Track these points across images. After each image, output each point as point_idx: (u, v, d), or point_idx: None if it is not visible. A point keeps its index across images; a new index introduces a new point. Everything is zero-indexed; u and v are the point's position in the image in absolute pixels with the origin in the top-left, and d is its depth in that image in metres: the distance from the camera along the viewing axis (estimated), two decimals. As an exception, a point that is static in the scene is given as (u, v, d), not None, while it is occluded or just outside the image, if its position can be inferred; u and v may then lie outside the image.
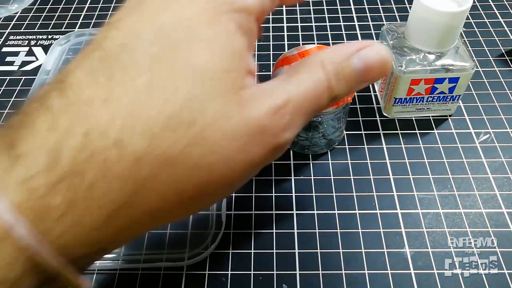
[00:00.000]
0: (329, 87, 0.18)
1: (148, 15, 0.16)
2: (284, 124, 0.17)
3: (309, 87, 0.18)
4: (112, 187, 0.13)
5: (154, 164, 0.14)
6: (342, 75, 0.18)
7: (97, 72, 0.14)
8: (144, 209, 0.14)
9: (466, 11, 0.25)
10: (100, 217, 0.13)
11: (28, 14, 0.43)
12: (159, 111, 0.14)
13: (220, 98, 0.15)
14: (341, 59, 0.19)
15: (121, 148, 0.13)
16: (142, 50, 0.15)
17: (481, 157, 0.29)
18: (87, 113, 0.13)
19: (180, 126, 0.14)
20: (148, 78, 0.14)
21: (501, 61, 0.35)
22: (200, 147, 0.15)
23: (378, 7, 0.41)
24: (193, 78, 0.15)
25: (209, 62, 0.15)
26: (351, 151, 0.30)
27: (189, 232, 0.25)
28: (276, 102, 0.17)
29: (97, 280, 0.24)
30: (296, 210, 0.27)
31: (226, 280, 0.24)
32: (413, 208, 0.26)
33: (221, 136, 0.15)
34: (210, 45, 0.15)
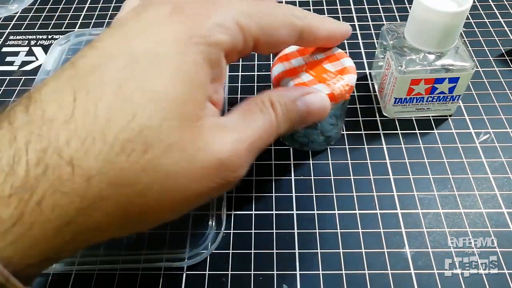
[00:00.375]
0: (277, 126, 0.20)
1: (124, 39, 0.17)
2: (241, 162, 0.18)
3: (262, 127, 0.19)
4: (61, 203, 0.14)
5: (104, 185, 0.14)
6: (287, 115, 0.20)
7: (62, 91, 0.15)
8: (90, 225, 0.15)
9: (466, 11, 0.25)
10: (47, 231, 0.14)
11: (28, 14, 0.43)
12: (115, 136, 0.14)
13: (177, 127, 0.16)
14: (289, 101, 0.21)
15: (74, 167, 0.14)
16: (110, 74, 0.15)
17: (481, 157, 0.29)
18: (46, 131, 0.14)
19: (133, 153, 0.15)
20: (109, 102, 0.15)
21: (501, 61, 0.35)
22: (151, 174, 0.15)
23: (378, 7, 0.41)
24: (151, 106, 0.15)
25: (169, 91, 0.16)
26: (351, 151, 0.30)
27: (189, 232, 0.25)
28: (232, 138, 0.18)
29: (97, 281, 0.24)
30: (296, 210, 0.27)
31: (226, 280, 0.24)
32: (413, 208, 0.26)
33: (174, 166, 0.16)
34: (173, 75, 0.16)
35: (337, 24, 0.24)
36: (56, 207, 0.14)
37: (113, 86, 0.15)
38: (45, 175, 0.14)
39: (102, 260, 0.24)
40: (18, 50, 0.39)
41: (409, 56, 0.28)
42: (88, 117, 0.14)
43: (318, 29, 0.22)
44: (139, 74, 0.16)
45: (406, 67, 0.28)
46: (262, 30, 0.19)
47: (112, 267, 0.24)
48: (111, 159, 0.14)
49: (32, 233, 0.14)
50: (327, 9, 0.41)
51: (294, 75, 0.25)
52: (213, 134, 0.17)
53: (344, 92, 0.24)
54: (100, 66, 0.16)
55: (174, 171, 0.16)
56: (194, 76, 0.17)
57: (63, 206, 0.14)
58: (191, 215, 0.26)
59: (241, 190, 0.28)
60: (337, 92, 0.24)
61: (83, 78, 0.15)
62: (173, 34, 0.17)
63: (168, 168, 0.15)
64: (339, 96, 0.24)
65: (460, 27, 0.27)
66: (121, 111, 0.15)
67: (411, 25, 0.28)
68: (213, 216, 0.26)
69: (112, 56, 0.16)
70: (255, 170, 0.29)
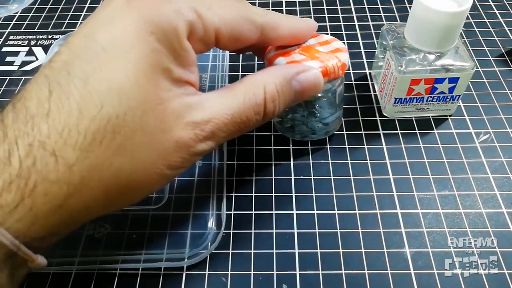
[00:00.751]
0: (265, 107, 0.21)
1: (89, 33, 0.18)
2: (202, 138, 0.19)
3: (238, 110, 0.20)
4: (51, 190, 0.16)
5: (84, 172, 0.17)
6: (283, 96, 0.22)
7: (41, 88, 0.17)
8: (80, 206, 0.17)
9: (466, 11, 0.25)
10: (44, 212, 0.16)
11: (28, 14, 0.43)
12: (87, 127, 0.16)
13: (140, 114, 0.17)
14: (284, 82, 0.22)
15: (57, 158, 0.16)
16: (78, 68, 0.17)
17: (481, 157, 0.29)
18: (31, 127, 0.16)
19: (104, 140, 0.17)
20: (79, 95, 0.17)
21: (501, 61, 0.35)
22: (121, 157, 0.17)
23: (378, 7, 0.41)
24: (116, 97, 0.17)
25: (131, 80, 0.17)
26: (351, 151, 0.30)
27: (189, 232, 0.25)
28: (195, 118, 0.19)
29: (97, 281, 0.24)
30: (296, 210, 0.27)
31: (226, 280, 0.24)
32: (413, 208, 0.26)
33: (140, 148, 0.18)
34: (134, 64, 0.18)
35: (301, 21, 0.25)
36: (48, 193, 0.16)
37: (81, 79, 0.17)
38: (34, 166, 0.16)
39: (102, 260, 0.24)
40: (18, 50, 0.39)
41: (409, 56, 0.28)
42: (62, 111, 0.16)
43: (280, 26, 0.23)
44: (103, 65, 0.17)
45: (406, 67, 0.28)
46: (223, 21, 0.20)
47: (112, 267, 0.24)
48: (86, 148, 0.16)
49: (32, 213, 0.16)
50: (327, 9, 0.41)
51: (286, 55, 0.25)
52: (177, 115, 0.19)
53: (337, 68, 0.24)
54: (69, 61, 0.17)
55: (139, 152, 0.18)
56: (154, 62, 0.18)
57: (53, 192, 0.16)
58: (191, 215, 0.26)
59: (241, 190, 0.28)
60: (330, 67, 0.24)
61: (57, 74, 0.17)
62: (132, 24, 0.18)
63: (134, 151, 0.17)
64: (332, 71, 0.24)
65: (460, 27, 0.27)
66: (91, 103, 0.17)
67: (411, 25, 0.28)
68: (213, 216, 0.26)
69: (79, 51, 0.18)
70: (255, 170, 0.29)
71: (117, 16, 0.18)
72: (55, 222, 0.17)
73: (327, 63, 0.24)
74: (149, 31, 0.18)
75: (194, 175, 0.28)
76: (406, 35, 0.28)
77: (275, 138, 0.30)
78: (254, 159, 0.29)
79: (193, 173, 0.28)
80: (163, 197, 0.27)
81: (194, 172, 0.28)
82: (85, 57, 0.17)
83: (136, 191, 0.19)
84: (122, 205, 0.20)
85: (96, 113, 0.17)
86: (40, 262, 0.18)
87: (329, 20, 0.40)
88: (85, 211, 0.18)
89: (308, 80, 0.23)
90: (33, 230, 0.16)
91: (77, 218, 0.18)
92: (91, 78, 0.17)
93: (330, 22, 0.40)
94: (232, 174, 0.29)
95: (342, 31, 0.39)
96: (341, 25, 0.40)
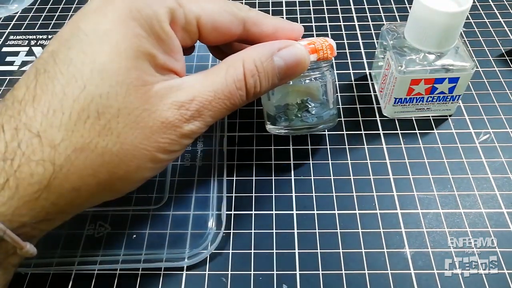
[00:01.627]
0: (246, 83, 0.21)
1: (74, 23, 0.19)
2: (188, 117, 0.19)
3: (220, 87, 0.20)
4: (37, 170, 0.17)
5: (69, 151, 0.17)
6: (263, 72, 0.21)
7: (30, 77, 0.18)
8: (68, 188, 0.17)
9: (466, 11, 0.25)
10: (30, 193, 0.17)
11: (28, 14, 0.43)
12: (71, 106, 0.17)
13: (123, 93, 0.18)
14: (264, 57, 0.21)
15: (41, 138, 0.17)
16: (63, 54, 0.18)
17: (481, 157, 0.29)
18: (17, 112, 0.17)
19: (89, 119, 0.17)
20: (63, 78, 0.17)
21: (501, 61, 0.35)
22: (107, 137, 0.17)
23: (378, 7, 0.41)
24: (99, 77, 0.17)
25: (114, 62, 0.18)
26: (351, 151, 0.30)
27: (189, 232, 0.25)
28: (179, 98, 0.19)
29: (97, 281, 0.24)
30: (296, 210, 0.27)
31: (226, 280, 0.24)
32: (413, 208, 0.26)
33: (124, 127, 0.18)
34: (117, 47, 0.18)
35: (287, 23, 0.25)
36: (33, 173, 0.16)
37: (66, 64, 0.17)
38: (19, 148, 0.16)
39: (102, 260, 0.24)
40: (18, 50, 0.39)
41: (409, 56, 0.28)
42: (47, 94, 0.17)
43: (263, 22, 0.23)
44: (87, 50, 0.18)
45: (406, 67, 0.28)
46: (204, 11, 0.21)
47: (112, 267, 0.24)
48: (71, 128, 0.17)
49: (18, 195, 0.16)
50: (327, 9, 0.41)
51: None
52: (161, 96, 0.19)
53: (325, 46, 0.24)
54: (55, 50, 0.18)
55: (124, 132, 0.18)
56: (136, 47, 0.18)
57: (39, 172, 0.17)
58: (191, 215, 0.26)
59: (241, 190, 0.28)
60: (318, 44, 0.24)
61: (44, 63, 0.18)
62: (114, 11, 0.19)
63: (119, 130, 0.18)
64: (320, 48, 0.24)
65: (460, 27, 0.27)
66: (74, 84, 0.17)
67: (411, 25, 0.28)
68: (213, 216, 0.26)
69: (65, 39, 0.18)
70: (255, 170, 0.29)
71: (102, 6, 0.19)
72: (44, 205, 0.17)
73: (315, 43, 0.24)
74: (131, 17, 0.18)
75: (194, 175, 0.28)
76: (406, 35, 0.28)
77: (275, 138, 0.30)
78: (254, 159, 0.29)
79: (193, 173, 0.28)
80: (163, 197, 0.27)
81: (194, 172, 0.28)
82: (70, 44, 0.18)
83: (128, 174, 0.19)
84: (116, 191, 0.20)
85: (79, 93, 0.17)
86: (28, 250, 0.18)
87: (329, 20, 0.40)
88: (75, 193, 0.18)
89: (292, 55, 0.22)
90: (20, 214, 0.17)
91: (68, 202, 0.18)
92: (74, 61, 0.17)
93: (330, 22, 0.40)
94: (232, 174, 0.29)
95: (342, 31, 0.39)
96: (341, 25, 0.40)
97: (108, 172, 0.18)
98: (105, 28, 0.18)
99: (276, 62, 0.22)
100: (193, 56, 0.36)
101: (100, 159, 0.17)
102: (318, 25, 0.40)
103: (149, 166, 0.19)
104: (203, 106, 0.20)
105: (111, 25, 0.18)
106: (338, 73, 0.35)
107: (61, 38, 0.19)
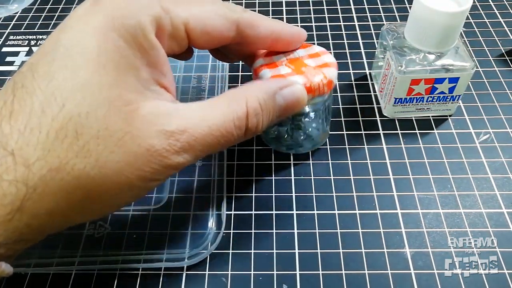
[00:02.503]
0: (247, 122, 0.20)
1: (55, 35, 0.18)
2: (177, 148, 0.18)
3: (217, 122, 0.19)
4: (9, 190, 0.16)
5: (44, 171, 0.16)
6: (266, 110, 0.21)
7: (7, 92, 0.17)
8: (41, 210, 0.16)
9: (466, 11, 0.25)
10: (3, 215, 0.16)
11: (28, 14, 0.43)
12: (49, 125, 0.16)
13: (104, 114, 0.17)
14: (267, 96, 0.21)
15: (15, 157, 0.16)
16: (41, 70, 0.17)
17: (481, 157, 0.29)
18: None
19: (66, 139, 0.16)
20: (42, 95, 0.16)
21: (501, 61, 0.35)
22: (85, 159, 0.16)
23: (378, 7, 0.41)
24: (79, 95, 0.16)
25: (95, 78, 0.17)
26: (351, 151, 0.30)
27: (189, 232, 0.25)
28: (170, 127, 0.18)
29: (97, 281, 0.24)
30: (296, 210, 0.27)
31: (226, 280, 0.24)
32: (413, 208, 0.26)
33: (104, 150, 0.17)
34: (98, 62, 0.17)
35: (288, 26, 0.24)
36: (6, 194, 0.16)
37: (45, 79, 0.17)
38: None
39: (102, 260, 0.24)
40: (18, 50, 0.39)
41: (409, 56, 0.28)
42: (25, 111, 0.16)
43: (259, 24, 0.22)
44: (66, 64, 0.17)
45: (406, 67, 0.28)
46: (192, 15, 0.20)
47: (112, 267, 0.24)
48: (47, 147, 0.16)
49: None
50: (327, 9, 0.41)
51: (273, 68, 0.24)
52: (148, 121, 0.18)
53: (322, 85, 0.24)
54: (34, 63, 0.17)
55: (104, 155, 0.17)
56: (119, 61, 0.17)
57: (11, 193, 0.16)
58: (191, 215, 0.26)
59: (241, 190, 0.28)
60: (314, 83, 0.23)
61: (23, 77, 0.17)
62: (96, 22, 0.18)
63: (99, 153, 0.16)
64: (316, 88, 0.23)
65: (460, 27, 0.27)
66: (53, 102, 0.16)
67: (411, 25, 0.28)
68: (213, 216, 0.26)
69: (46, 53, 0.17)
70: (255, 170, 0.29)
71: (83, 16, 0.18)
72: (18, 226, 0.16)
73: (312, 79, 0.23)
74: (113, 28, 0.17)
75: (194, 175, 0.28)
76: (406, 35, 0.28)
77: (275, 138, 0.30)
78: (254, 159, 0.29)
79: (193, 173, 0.28)
80: (163, 197, 0.27)
81: (194, 172, 0.28)
82: (49, 58, 0.17)
83: (105, 199, 0.17)
84: (90, 214, 0.19)
85: (58, 112, 0.16)
86: (4, 269, 0.17)
87: (329, 20, 0.40)
88: (48, 217, 0.17)
89: (293, 95, 0.22)
90: None
91: (42, 224, 0.17)
92: (54, 77, 0.17)
93: (330, 22, 0.40)
94: (232, 174, 0.29)
95: (342, 31, 0.39)
96: (341, 25, 0.40)
97: (84, 196, 0.17)
98: (85, 41, 0.17)
99: (278, 101, 0.21)
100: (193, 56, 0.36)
101: (76, 181, 0.16)
102: (318, 25, 0.40)
103: (128, 193, 0.18)
104: (195, 140, 0.18)
105: (91, 37, 0.17)
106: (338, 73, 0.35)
107: (42, 51, 0.18)
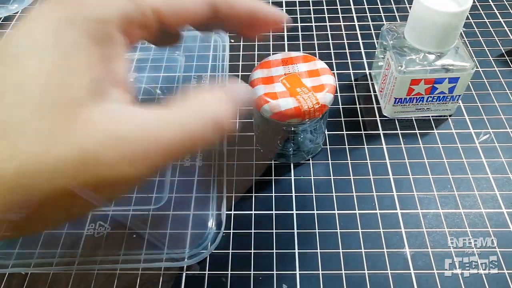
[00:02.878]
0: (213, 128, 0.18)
1: (8, 37, 0.17)
2: (124, 157, 0.16)
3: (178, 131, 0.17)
4: None
5: None
6: None
7: None
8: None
9: (466, 11, 0.25)
10: None
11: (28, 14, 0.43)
12: None
13: (47, 114, 0.15)
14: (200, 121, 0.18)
15: None
16: None
17: (481, 157, 0.29)
18: None
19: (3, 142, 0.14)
20: None
21: (501, 61, 0.35)
22: (21, 163, 0.14)
23: (378, 7, 0.41)
24: (20, 98, 0.15)
25: (40, 79, 0.15)
26: (351, 151, 0.30)
27: (189, 232, 0.25)
28: (118, 133, 0.16)
29: (97, 281, 0.24)
30: (296, 210, 0.27)
31: (226, 280, 0.24)
32: (413, 208, 0.26)
33: (40, 155, 0.15)
34: (46, 61, 0.16)
35: (264, 5, 0.23)
36: None
37: None
38: None
39: (102, 260, 0.24)
40: (18, 50, 0.39)
41: (409, 56, 0.28)
42: None
43: (237, 3, 0.21)
44: (15, 65, 0.16)
45: (406, 67, 0.28)
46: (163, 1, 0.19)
47: (112, 267, 0.24)
48: None
49: None
50: (327, 9, 0.41)
51: (268, 83, 0.25)
52: (96, 124, 0.16)
53: (313, 110, 0.24)
54: None
55: (41, 163, 0.15)
56: (71, 58, 0.16)
57: None
58: (191, 215, 0.26)
59: (241, 190, 0.28)
60: (305, 109, 0.23)
61: None
62: (51, 19, 0.16)
63: (36, 159, 0.15)
64: (306, 112, 0.24)
65: (460, 27, 0.27)
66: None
67: (411, 25, 0.28)
68: (213, 216, 0.26)
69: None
70: (255, 170, 0.29)
71: (40, 15, 0.17)
72: None
73: (303, 104, 0.23)
74: (68, 24, 0.16)
75: (194, 175, 0.28)
76: (406, 35, 0.28)
77: (275, 138, 0.30)
78: (254, 159, 0.29)
79: (193, 173, 0.28)
80: (163, 197, 0.27)
81: (194, 172, 0.28)
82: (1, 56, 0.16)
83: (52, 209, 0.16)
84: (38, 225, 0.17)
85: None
86: None
87: (329, 20, 0.40)
88: None
89: None
90: None
91: None
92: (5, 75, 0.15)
93: (330, 22, 0.40)
94: (232, 174, 0.29)
95: (342, 31, 0.39)
96: (341, 25, 0.40)
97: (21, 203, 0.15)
98: (36, 39, 0.16)
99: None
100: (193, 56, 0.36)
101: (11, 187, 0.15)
102: (318, 25, 0.40)
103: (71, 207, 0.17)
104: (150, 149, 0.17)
105: (44, 34, 0.16)
106: (338, 73, 0.35)
107: None
